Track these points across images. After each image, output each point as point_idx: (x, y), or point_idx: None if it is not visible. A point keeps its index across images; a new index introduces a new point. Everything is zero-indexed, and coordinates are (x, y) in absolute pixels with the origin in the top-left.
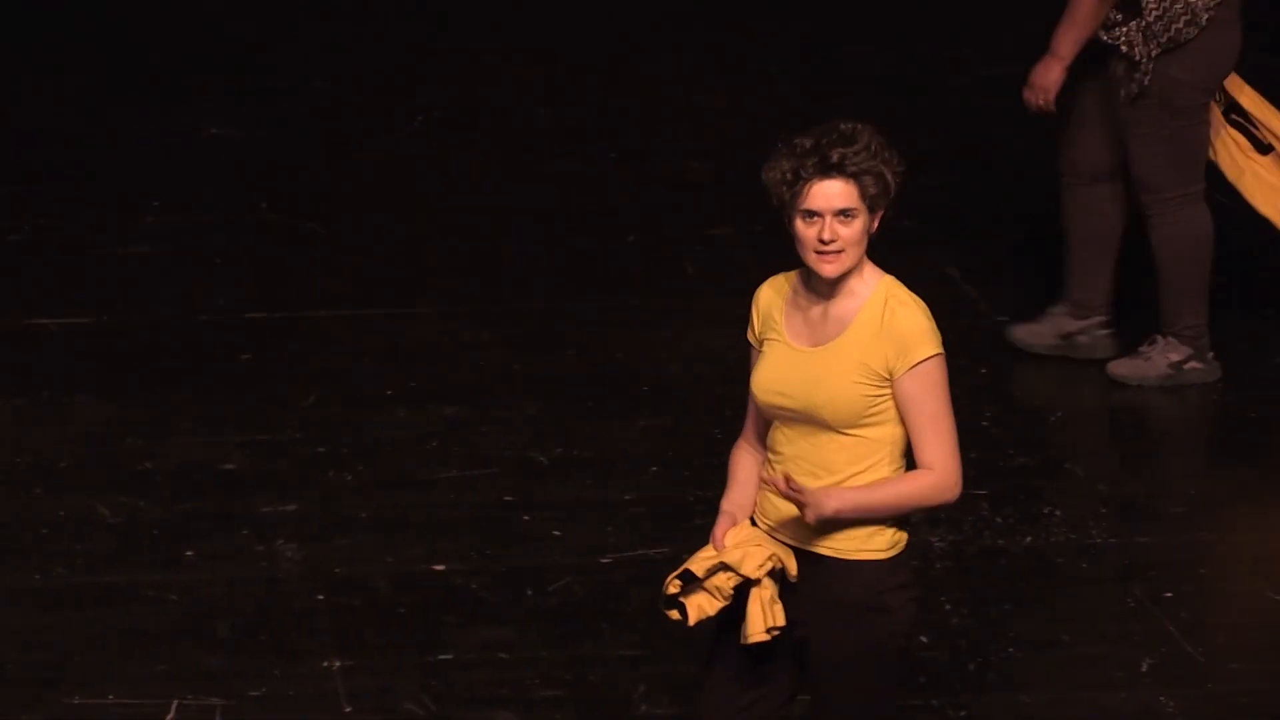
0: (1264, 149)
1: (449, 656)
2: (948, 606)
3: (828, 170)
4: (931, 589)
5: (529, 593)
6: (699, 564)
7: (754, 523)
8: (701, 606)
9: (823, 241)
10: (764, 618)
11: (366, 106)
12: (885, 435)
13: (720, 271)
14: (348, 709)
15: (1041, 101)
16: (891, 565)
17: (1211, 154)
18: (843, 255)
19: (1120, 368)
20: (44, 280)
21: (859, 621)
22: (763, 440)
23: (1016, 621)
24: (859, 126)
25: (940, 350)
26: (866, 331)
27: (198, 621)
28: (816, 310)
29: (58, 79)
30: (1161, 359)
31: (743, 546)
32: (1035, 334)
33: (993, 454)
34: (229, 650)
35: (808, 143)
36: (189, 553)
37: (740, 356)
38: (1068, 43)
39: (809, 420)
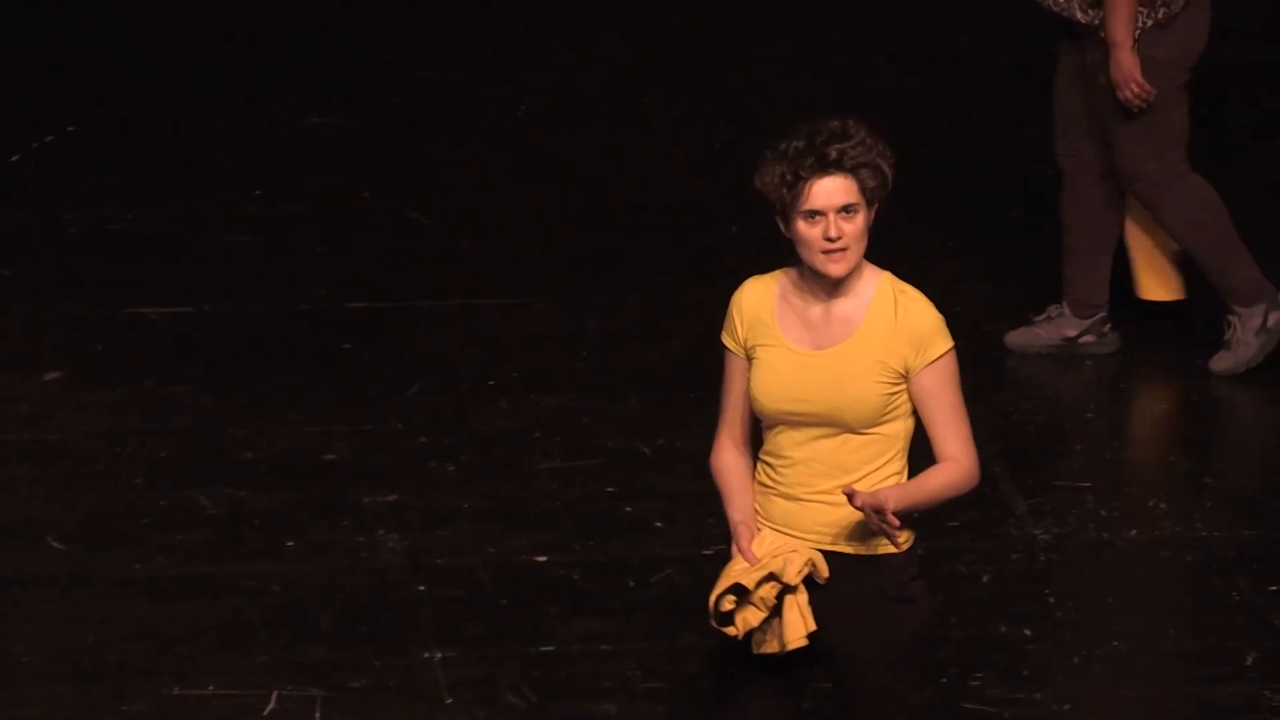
0: None
1: (550, 648)
2: (1052, 600)
3: (826, 167)
4: (1035, 581)
5: (631, 584)
6: (747, 577)
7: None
8: (747, 619)
9: (829, 239)
10: (803, 623)
11: (470, 95)
12: (899, 430)
13: None
14: (449, 700)
15: (1136, 91)
16: (908, 557)
17: None
18: (848, 253)
19: (1221, 363)
20: (145, 269)
21: (887, 614)
22: (749, 444)
23: (1120, 615)
24: (850, 121)
25: (953, 343)
26: (880, 330)
27: (299, 612)
28: (816, 311)
29: (160, 67)
30: (1246, 334)
31: (781, 554)
32: (1034, 337)
33: (1097, 447)
34: (330, 641)
35: (800, 143)
36: (290, 543)
37: None
38: (1121, 28)
39: (829, 423)
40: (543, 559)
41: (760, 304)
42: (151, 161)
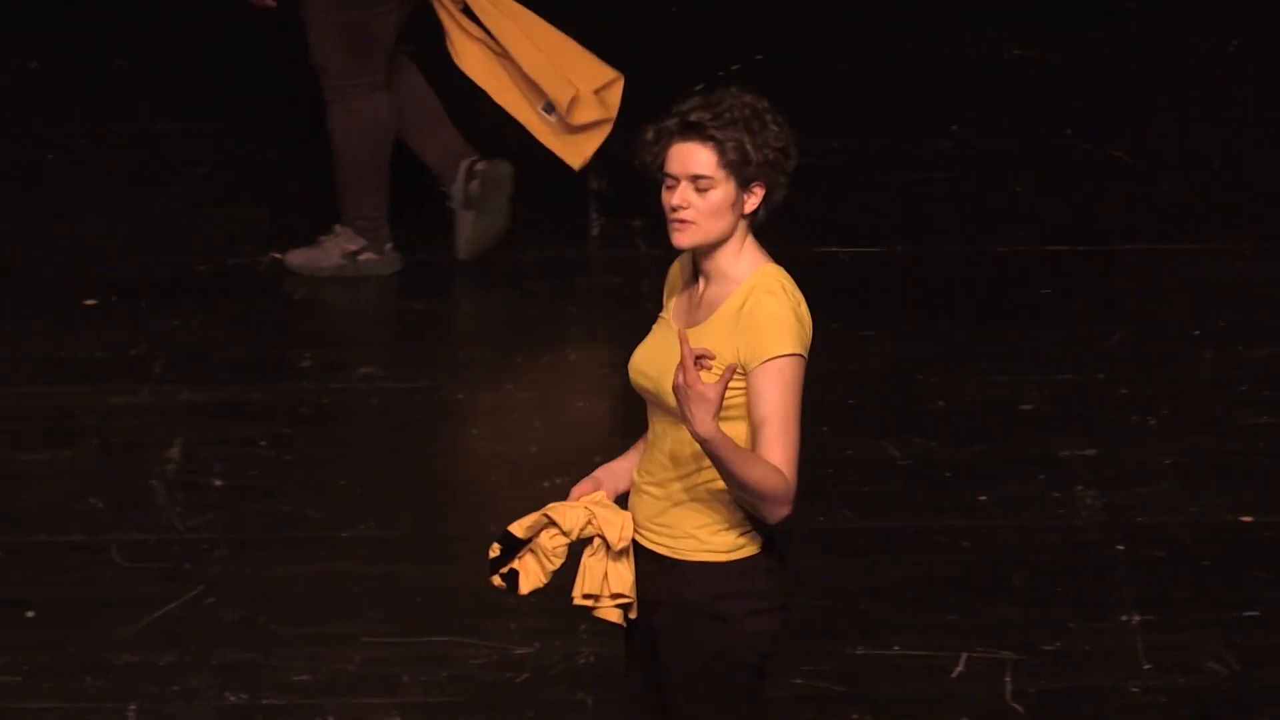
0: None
1: (1255, 613)
2: None
3: (685, 132)
4: None
5: None
6: (520, 525)
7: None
8: (535, 573)
9: (672, 208)
10: (585, 583)
11: (1178, 28)
12: (738, 433)
13: None
14: (1146, 666)
15: None
16: (732, 570)
17: (454, 55)
18: (693, 227)
19: (298, 257)
20: (836, 206)
21: (695, 627)
22: None
23: None
24: (733, 91)
25: (799, 351)
26: (727, 319)
27: (990, 570)
28: (698, 292)
29: None
30: (334, 250)
31: (574, 505)
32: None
33: None
34: (1022, 601)
35: (680, 106)
36: (982, 497)
37: None
38: None
39: (662, 404)
40: (1248, 519)
41: (677, 279)
42: (839, 93)
